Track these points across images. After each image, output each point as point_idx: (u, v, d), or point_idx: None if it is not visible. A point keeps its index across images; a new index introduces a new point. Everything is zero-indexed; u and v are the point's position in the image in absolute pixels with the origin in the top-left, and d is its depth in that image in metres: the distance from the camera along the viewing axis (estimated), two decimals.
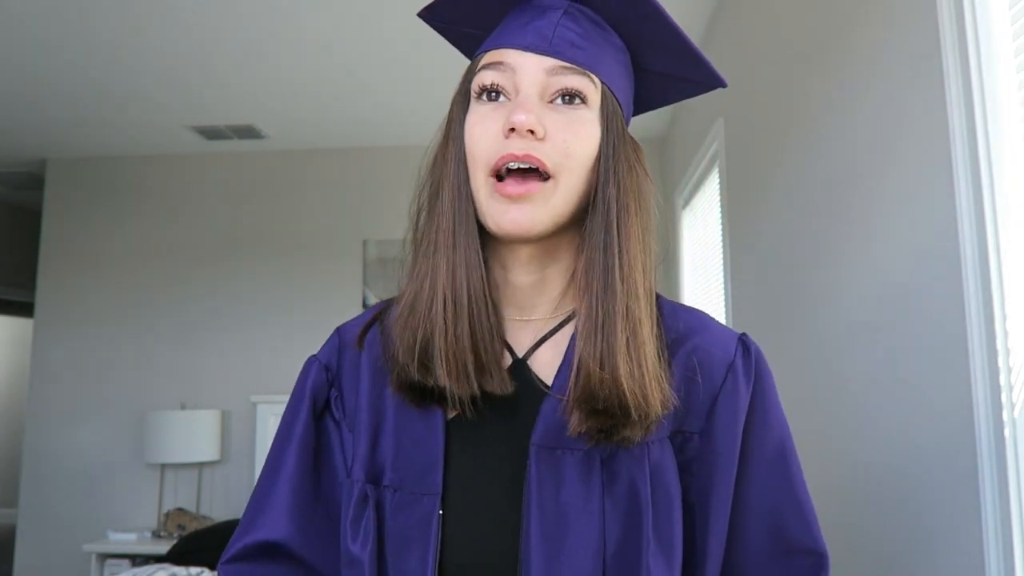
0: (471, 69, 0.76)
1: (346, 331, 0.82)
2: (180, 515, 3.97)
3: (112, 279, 4.41)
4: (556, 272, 0.76)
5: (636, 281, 0.70)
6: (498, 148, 0.69)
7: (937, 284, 1.23)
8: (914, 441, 1.31)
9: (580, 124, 0.70)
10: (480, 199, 0.71)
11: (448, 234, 0.72)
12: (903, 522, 1.35)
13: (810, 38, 1.85)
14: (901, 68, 1.37)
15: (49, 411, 4.32)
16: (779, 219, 2.10)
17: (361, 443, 0.75)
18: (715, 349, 0.75)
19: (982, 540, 1.09)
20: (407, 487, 0.73)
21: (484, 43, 0.76)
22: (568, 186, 0.70)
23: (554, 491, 0.70)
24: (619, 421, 0.67)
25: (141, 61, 3.30)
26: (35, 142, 4.33)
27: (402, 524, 0.72)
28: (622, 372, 0.67)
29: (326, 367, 0.81)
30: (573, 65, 0.70)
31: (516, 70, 0.71)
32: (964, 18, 1.14)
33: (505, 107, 0.70)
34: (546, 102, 0.70)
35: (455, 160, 0.73)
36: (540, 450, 0.71)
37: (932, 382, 1.25)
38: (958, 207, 1.15)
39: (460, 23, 0.80)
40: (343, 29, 3.05)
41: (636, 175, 0.74)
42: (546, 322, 0.76)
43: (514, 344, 0.76)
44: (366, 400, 0.77)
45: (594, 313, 0.69)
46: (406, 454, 0.74)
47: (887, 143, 1.43)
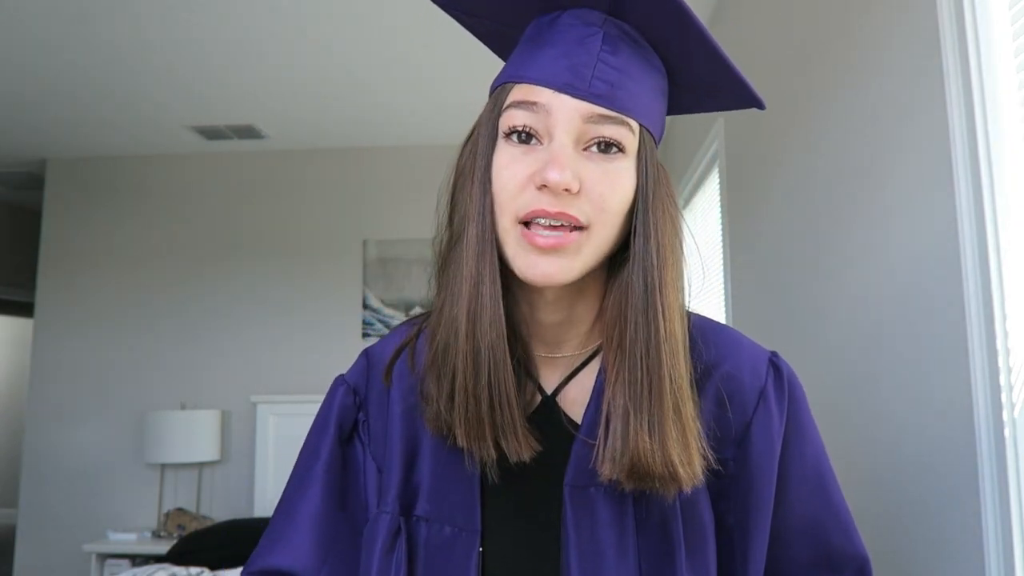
0: (499, 100, 0.69)
1: (374, 355, 0.81)
2: (180, 515, 3.97)
3: (112, 279, 4.41)
4: (584, 309, 0.73)
5: (676, 335, 0.68)
6: (528, 200, 0.65)
7: (937, 284, 1.23)
8: (914, 441, 1.31)
9: (616, 175, 0.66)
10: (507, 243, 0.67)
11: (472, 284, 0.67)
12: (903, 522, 1.35)
13: (810, 38, 1.85)
14: (901, 68, 1.37)
15: (49, 411, 4.32)
16: (779, 219, 2.10)
17: (394, 472, 0.74)
18: (745, 375, 0.74)
19: (982, 540, 1.09)
20: (443, 520, 0.73)
21: (511, 68, 0.71)
22: (600, 237, 0.67)
23: (590, 531, 0.70)
24: (663, 485, 0.66)
25: (141, 61, 3.30)
26: (35, 142, 4.33)
27: (439, 560, 0.72)
28: (670, 441, 0.65)
29: (354, 390, 0.80)
30: (613, 113, 0.65)
31: (551, 112, 0.65)
32: (964, 18, 1.14)
33: (536, 153, 0.66)
34: (580, 149, 0.66)
35: (481, 204, 0.67)
36: (573, 490, 0.70)
37: (932, 382, 1.25)
38: (958, 207, 1.15)
39: (479, 15, 0.75)
40: (343, 29, 3.05)
41: (670, 216, 0.70)
42: (574, 358, 0.75)
43: (543, 380, 0.75)
44: (398, 428, 0.75)
45: (640, 381, 0.66)
46: (442, 487, 0.73)
47: (887, 143, 1.43)
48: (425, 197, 4.86)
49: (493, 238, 0.67)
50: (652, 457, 0.65)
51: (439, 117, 4.00)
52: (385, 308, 4.31)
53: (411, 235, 4.29)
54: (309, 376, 4.23)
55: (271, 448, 4.17)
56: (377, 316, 4.30)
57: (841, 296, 1.65)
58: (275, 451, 4.16)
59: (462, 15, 0.75)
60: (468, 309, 0.67)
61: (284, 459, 4.14)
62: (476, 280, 0.67)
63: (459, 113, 3.93)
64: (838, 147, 1.67)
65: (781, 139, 2.07)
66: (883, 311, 1.44)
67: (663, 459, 0.65)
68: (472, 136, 0.73)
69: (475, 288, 0.67)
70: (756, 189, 2.32)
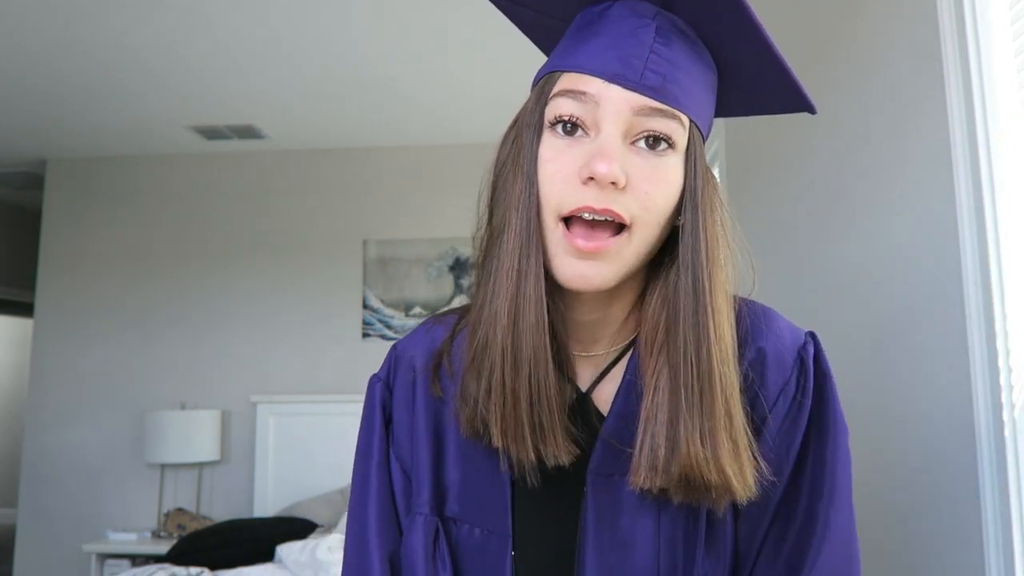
0: (545, 89, 0.67)
1: (401, 353, 0.80)
2: (180, 515, 3.97)
3: (112, 279, 4.41)
4: (619, 309, 0.72)
5: (725, 338, 0.65)
6: (573, 195, 0.63)
7: (937, 284, 1.23)
8: (913, 441, 1.31)
9: (664, 172, 0.64)
10: (548, 242, 0.65)
11: (514, 281, 0.65)
12: (902, 522, 1.35)
13: (810, 38, 1.85)
14: (901, 68, 1.37)
15: (49, 411, 4.32)
16: (778, 219, 2.10)
17: (424, 471, 0.74)
18: (770, 365, 0.71)
19: (982, 540, 1.09)
20: (473, 522, 0.72)
21: (559, 55, 0.68)
22: (643, 238, 0.64)
23: (612, 518, 0.69)
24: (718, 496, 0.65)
25: (141, 61, 3.30)
26: (35, 142, 4.32)
27: (475, 562, 0.72)
28: (723, 450, 0.63)
29: (386, 383, 0.79)
30: (665, 106, 0.63)
31: (600, 103, 0.63)
32: (964, 18, 1.14)
33: (583, 144, 0.63)
34: (628, 143, 0.63)
35: (525, 196, 0.65)
36: (597, 478, 0.69)
37: (932, 382, 1.25)
38: (958, 207, 1.15)
39: (525, 3, 0.71)
40: (343, 29, 3.05)
41: (720, 215, 0.68)
42: (607, 356, 0.74)
43: (578, 379, 0.74)
44: (424, 424, 0.75)
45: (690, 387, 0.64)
46: (473, 488, 0.73)
47: (887, 143, 1.43)
48: (425, 197, 4.89)
49: (539, 231, 0.65)
50: (708, 466, 0.62)
51: (439, 117, 3.99)
52: (385, 308, 4.31)
53: (411, 235, 4.29)
54: (309, 376, 4.23)
55: (271, 448, 4.16)
56: (377, 316, 4.30)
57: (841, 296, 1.65)
58: (275, 451, 4.16)
59: (507, 3, 0.72)
60: (510, 306, 0.65)
61: (284, 459, 4.15)
62: (519, 276, 0.65)
63: (460, 113, 3.93)
64: (838, 147, 1.67)
65: (781, 139, 2.07)
66: (883, 311, 1.44)
67: (717, 468, 0.63)
68: (515, 126, 0.70)
69: (517, 284, 0.65)
70: (756, 188, 2.32)
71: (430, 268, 4.29)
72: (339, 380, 4.20)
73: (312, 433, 4.13)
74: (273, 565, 3.06)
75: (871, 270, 1.50)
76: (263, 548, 3.24)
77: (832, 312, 1.70)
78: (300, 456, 4.13)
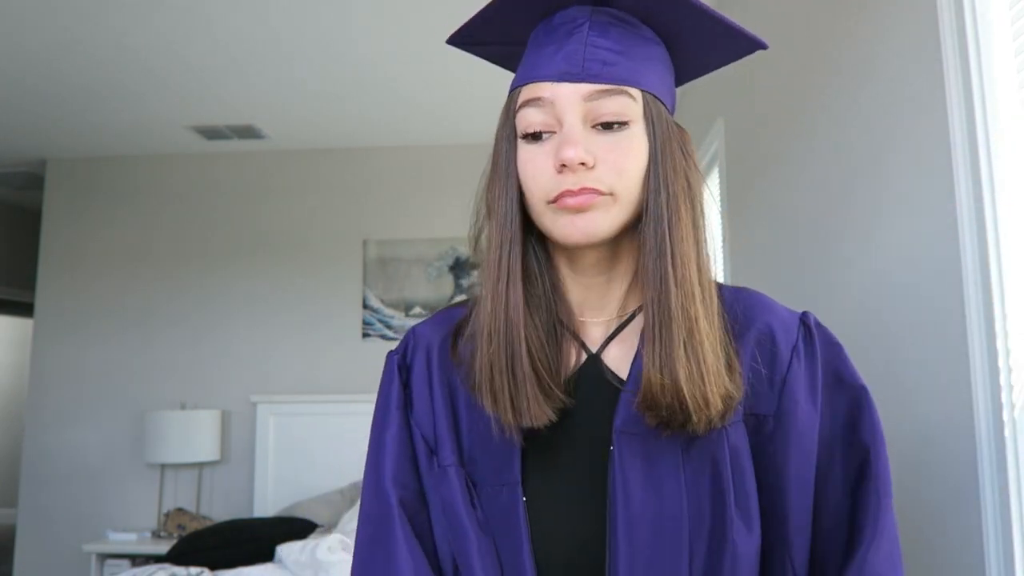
0: (511, 104, 0.76)
1: (418, 334, 0.86)
2: (180, 515, 3.97)
3: (112, 279, 4.41)
4: (620, 273, 0.79)
5: (690, 279, 0.72)
6: (553, 184, 0.71)
7: (937, 284, 1.23)
8: (914, 441, 1.31)
9: (628, 142, 0.72)
10: (545, 220, 0.74)
11: (495, 269, 0.75)
12: (902, 522, 1.35)
13: (810, 38, 1.85)
14: (901, 68, 1.37)
15: (49, 411, 4.32)
16: (778, 219, 2.10)
17: (444, 432, 0.79)
18: (779, 333, 0.78)
19: (982, 540, 1.09)
20: (487, 480, 0.77)
21: (518, 74, 0.77)
22: (625, 198, 0.73)
23: (638, 472, 0.73)
24: (681, 419, 0.71)
25: (141, 61, 3.30)
26: (35, 142, 4.33)
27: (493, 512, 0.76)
28: (682, 376, 0.70)
29: (404, 357, 0.85)
30: (610, 86, 0.71)
31: (555, 102, 0.72)
32: (964, 18, 1.14)
33: (552, 142, 0.72)
34: (590, 127, 0.72)
35: (504, 198, 0.75)
36: (622, 435, 0.74)
37: (932, 382, 1.25)
38: (958, 207, 1.15)
39: (489, 43, 0.82)
40: (343, 29, 3.05)
41: (684, 174, 0.75)
42: (615, 320, 0.80)
43: (588, 341, 0.80)
44: (440, 392, 0.81)
45: (652, 320, 0.72)
46: (483, 449, 0.77)
47: (887, 143, 1.43)
48: (425, 197, 4.89)
49: (520, 225, 0.75)
50: (663, 392, 0.70)
51: (439, 117, 4.00)
52: (385, 308, 4.31)
53: (411, 235, 4.29)
54: (309, 376, 4.23)
55: (271, 448, 4.17)
56: (377, 316, 4.30)
57: (841, 296, 1.65)
58: (275, 451, 4.16)
59: (474, 47, 0.83)
60: (493, 289, 0.74)
61: (284, 459, 4.15)
62: (499, 264, 0.74)
63: (459, 113, 3.93)
64: (838, 147, 1.67)
65: (781, 139, 2.07)
66: (883, 311, 1.44)
67: (673, 390, 0.69)
68: (496, 137, 0.80)
69: (498, 271, 0.74)
70: (756, 189, 2.32)
71: (430, 268, 4.29)
72: (339, 380, 4.20)
73: (312, 433, 4.14)
74: (273, 565, 3.06)
75: (871, 270, 1.50)
76: (263, 548, 3.24)
77: (832, 312, 1.70)
78: (300, 456, 4.13)
